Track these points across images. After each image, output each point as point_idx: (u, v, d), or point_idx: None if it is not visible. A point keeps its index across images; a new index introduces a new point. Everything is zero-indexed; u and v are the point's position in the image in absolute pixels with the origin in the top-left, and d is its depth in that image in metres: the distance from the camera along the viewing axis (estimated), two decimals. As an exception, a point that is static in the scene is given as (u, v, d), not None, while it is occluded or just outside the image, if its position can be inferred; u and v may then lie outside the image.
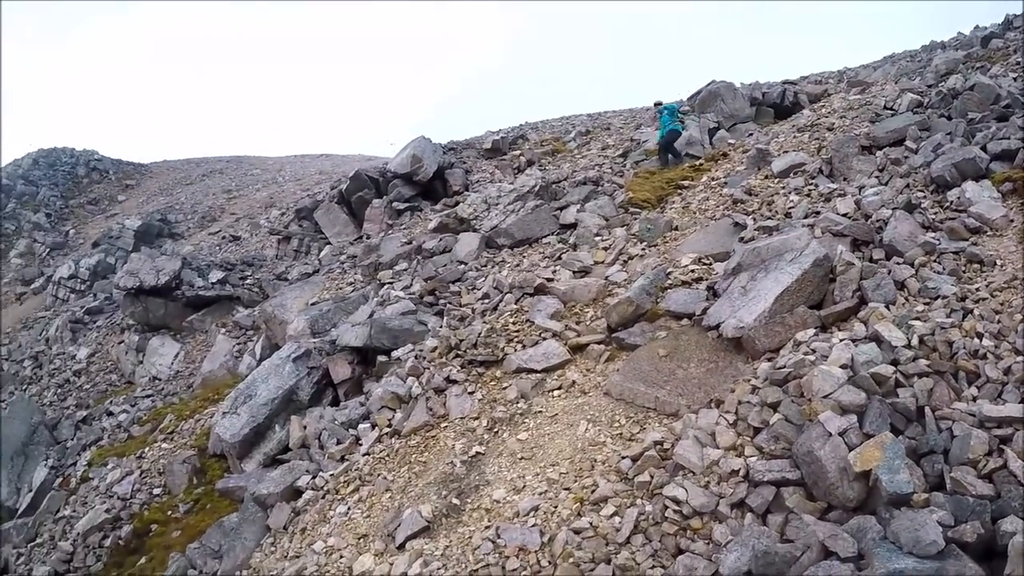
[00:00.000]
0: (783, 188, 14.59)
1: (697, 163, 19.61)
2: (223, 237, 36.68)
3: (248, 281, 23.53)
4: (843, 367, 7.68)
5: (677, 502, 7.46)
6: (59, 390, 23.85)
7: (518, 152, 27.93)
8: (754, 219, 13.41)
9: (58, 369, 25.44)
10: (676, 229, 15.01)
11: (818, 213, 12.33)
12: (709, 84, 25.74)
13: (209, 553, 11.61)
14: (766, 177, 15.68)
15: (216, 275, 23.58)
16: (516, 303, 13.15)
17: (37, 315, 36.62)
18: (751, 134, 21.69)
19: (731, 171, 17.59)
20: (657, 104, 21.46)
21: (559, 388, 10.75)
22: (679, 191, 17.59)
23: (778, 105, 25.22)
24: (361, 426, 11.99)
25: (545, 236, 16.65)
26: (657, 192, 17.68)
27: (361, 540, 9.48)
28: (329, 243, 24.97)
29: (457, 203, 21.04)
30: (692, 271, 12.33)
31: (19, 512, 17.30)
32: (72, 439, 19.52)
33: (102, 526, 14.15)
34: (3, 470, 18.75)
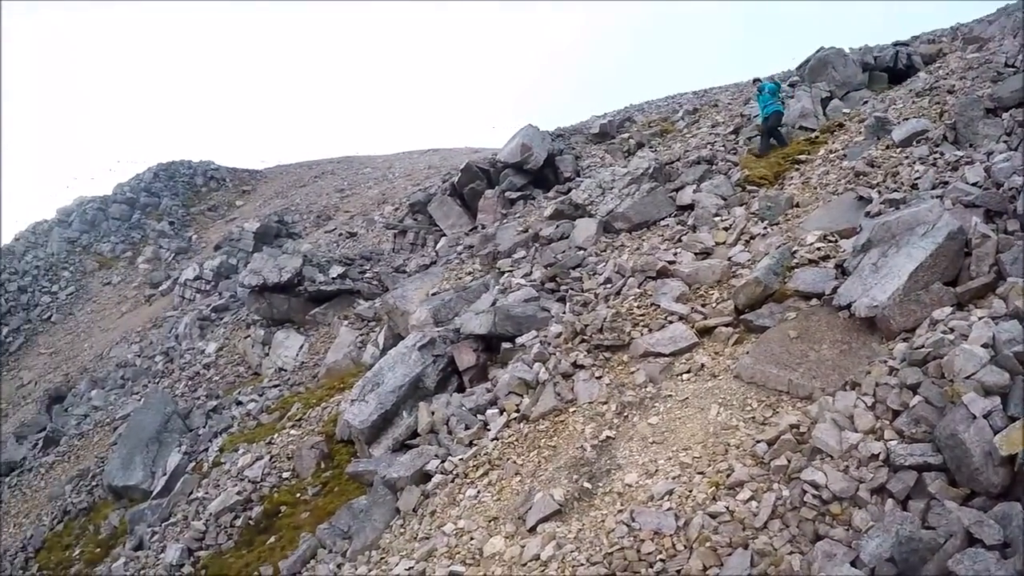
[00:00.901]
0: (906, 158, 14.03)
1: (813, 136, 18.98)
2: (339, 234, 37.64)
3: (367, 275, 24.06)
4: (984, 346, 7.29)
5: (816, 487, 7.29)
6: (190, 382, 24.92)
7: (627, 135, 27.65)
8: (879, 192, 12.92)
9: (188, 363, 26.59)
10: (797, 206, 14.57)
11: (946, 183, 11.76)
12: (818, 52, 24.76)
13: (338, 533, 12.00)
14: (887, 147, 15.08)
15: (336, 270, 24.18)
16: (639, 287, 13.02)
17: (166, 314, 38.55)
18: (866, 102, 20.93)
19: (849, 142, 17.01)
20: (756, 81, 20.58)
21: (688, 372, 10.62)
22: (797, 166, 17.09)
23: (891, 69, 24.17)
24: (489, 411, 12.11)
25: (663, 218, 16.41)
26: (774, 168, 17.22)
27: (491, 523, 9.59)
28: (444, 235, 25.26)
29: (570, 189, 20.98)
30: (818, 249, 11.96)
31: (153, 494, 18.33)
32: (203, 427, 20.46)
33: (233, 507, 14.84)
34: (139, 456, 19.82)
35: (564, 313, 13.47)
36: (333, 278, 23.90)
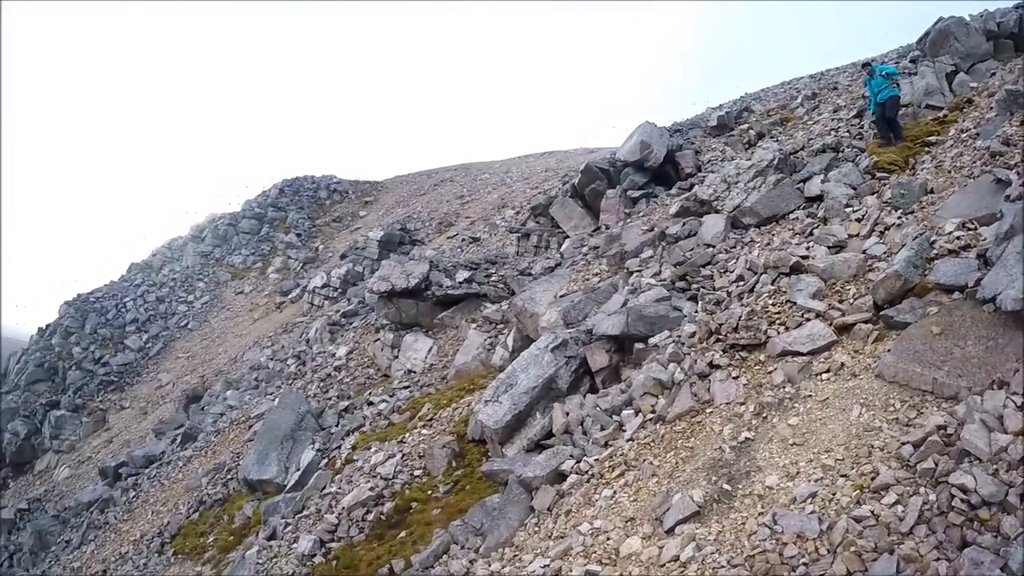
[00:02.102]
0: (1046, 134, 13.23)
1: (941, 115, 18.03)
2: (462, 240, 38.06)
3: (493, 278, 24.26)
4: None
5: (964, 491, 7.05)
6: (322, 383, 25.64)
7: (746, 126, 26.90)
8: (1017, 173, 12.15)
9: (320, 365, 27.39)
10: (931, 192, 13.86)
11: (1092, 159, 11.09)
12: (937, 23, 23.28)
13: (471, 530, 12.14)
14: (1022, 122, 14.21)
15: (462, 275, 24.51)
16: (773, 283, 12.69)
17: (295, 320, 40.05)
18: (993, 73, 19.72)
19: (981, 120, 16.12)
20: (865, 66, 19.11)
21: (827, 371, 10.34)
22: (927, 149, 16.22)
23: (1016, 35, 22.71)
24: (624, 412, 12.08)
25: (791, 211, 15.95)
26: (903, 153, 16.42)
27: (628, 523, 9.58)
28: (567, 236, 25.25)
29: (693, 185, 20.65)
30: (958, 238, 11.40)
31: (287, 488, 19.00)
32: (336, 426, 21.08)
33: (365, 502, 15.21)
34: (274, 452, 20.62)
35: (697, 312, 13.31)
36: (460, 282, 24.24)
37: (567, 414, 13.17)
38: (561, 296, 17.65)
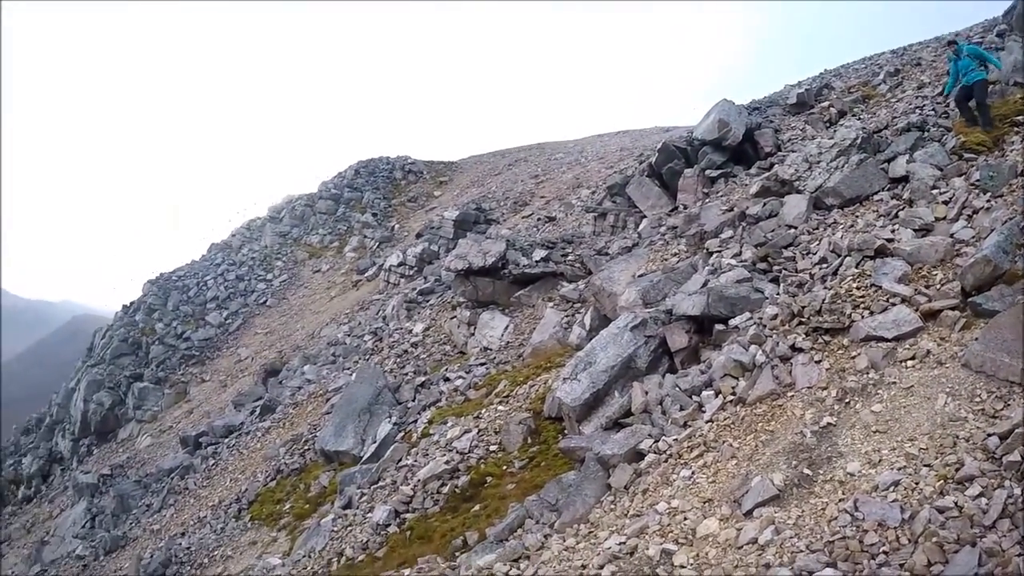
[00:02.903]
0: None
1: None
2: (538, 219, 38.11)
3: (569, 257, 24.29)
4: None
5: (1050, 486, 6.87)
6: (398, 359, 26.01)
7: (826, 103, 26.17)
8: None
9: (396, 342, 27.80)
10: (1022, 174, 13.44)
11: None
12: None
13: (546, 506, 12.25)
14: None
15: (539, 254, 24.59)
16: (857, 266, 12.41)
17: (372, 298, 40.75)
18: None
19: (1074, 96, 15.44)
20: (951, 44, 18.12)
21: (912, 358, 10.14)
22: (1016, 129, 15.59)
23: None
24: (704, 393, 12.04)
25: (875, 192, 15.45)
26: (992, 132, 15.87)
27: (706, 504, 9.56)
28: (644, 216, 25.04)
29: (773, 165, 20.29)
30: (1050, 223, 11.08)
31: (363, 459, 19.51)
32: (412, 401, 21.48)
33: (441, 475, 15.51)
34: (351, 424, 21.14)
35: (779, 294, 13.12)
36: (536, 261, 24.31)
37: (646, 393, 13.15)
38: (639, 276, 17.55)
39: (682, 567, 8.49)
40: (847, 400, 9.99)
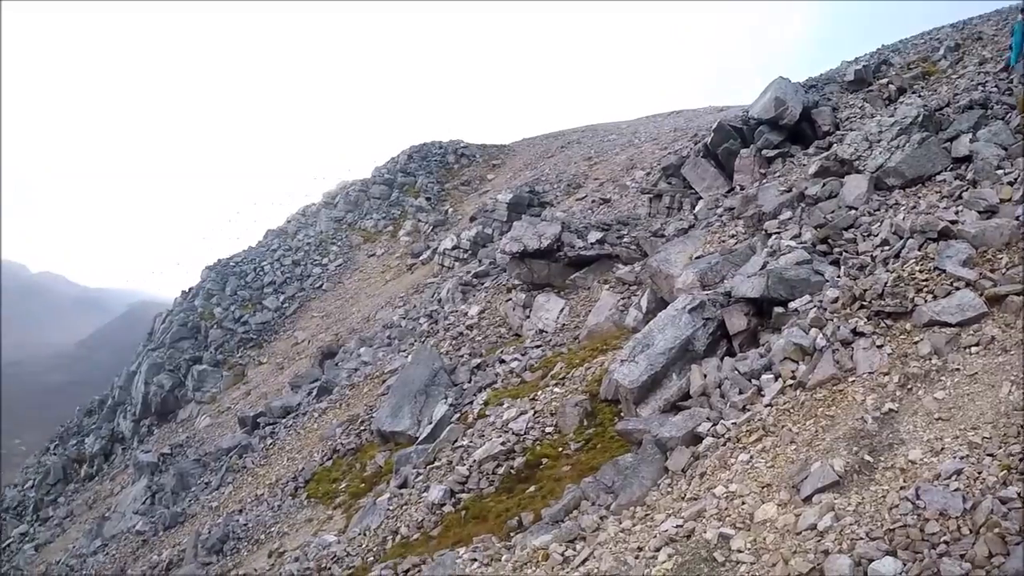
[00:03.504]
0: None
1: None
2: (592, 201, 37.97)
3: (625, 239, 24.16)
4: None
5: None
6: (454, 341, 26.23)
7: (885, 80, 25.49)
8: None
9: (452, 324, 27.99)
10: (1091, 153, 13.05)
11: None
12: None
13: (603, 488, 12.28)
14: None
15: (594, 236, 24.51)
16: (920, 249, 12.10)
17: (426, 281, 41.07)
18: None
19: None
20: None
21: (977, 344, 9.94)
22: None
23: None
24: (763, 377, 11.88)
25: (938, 172, 15.03)
26: (1059, 110, 15.41)
27: (764, 489, 9.48)
28: (700, 197, 24.74)
29: (831, 144, 19.87)
30: (1120, 204, 10.76)
31: (419, 440, 19.68)
32: (468, 382, 21.63)
33: (496, 456, 15.61)
34: (407, 405, 21.40)
35: (839, 277, 12.85)
36: (592, 243, 24.24)
37: (704, 376, 13.06)
38: (697, 258, 17.37)
39: (739, 551, 8.46)
40: (909, 386, 9.83)
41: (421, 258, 47.59)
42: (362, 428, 23.51)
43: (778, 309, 13.27)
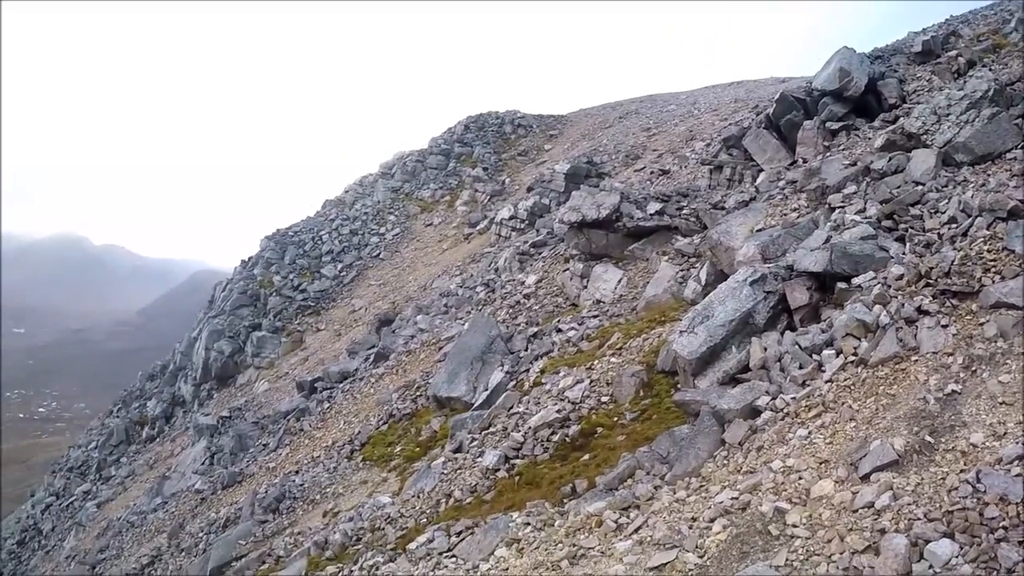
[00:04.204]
0: None
1: None
2: (650, 172, 37.68)
3: (684, 211, 23.88)
4: None
5: None
6: (510, 310, 26.35)
7: (954, 52, 24.79)
8: None
9: (509, 293, 28.15)
10: None
11: None
12: None
13: (657, 458, 12.30)
14: None
15: (653, 207, 24.30)
16: (988, 228, 11.79)
17: (483, 250, 41.24)
18: None
19: None
20: None
21: (1044, 328, 9.70)
22: None
23: None
24: (824, 352, 11.77)
25: (1008, 150, 14.57)
26: None
27: (822, 465, 9.44)
28: (762, 170, 24.37)
29: (898, 118, 19.45)
30: None
31: (475, 406, 19.86)
32: (525, 350, 21.71)
33: (551, 424, 15.66)
34: (464, 371, 21.61)
35: (905, 254, 12.60)
36: (651, 214, 24.04)
37: (765, 350, 12.98)
38: (758, 230, 17.19)
39: (794, 526, 8.46)
40: (973, 368, 9.69)
41: (478, 228, 47.78)
42: (418, 394, 23.78)
43: (841, 285, 13.09)
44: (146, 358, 79.75)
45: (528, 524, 11.87)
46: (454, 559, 12.09)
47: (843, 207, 15.75)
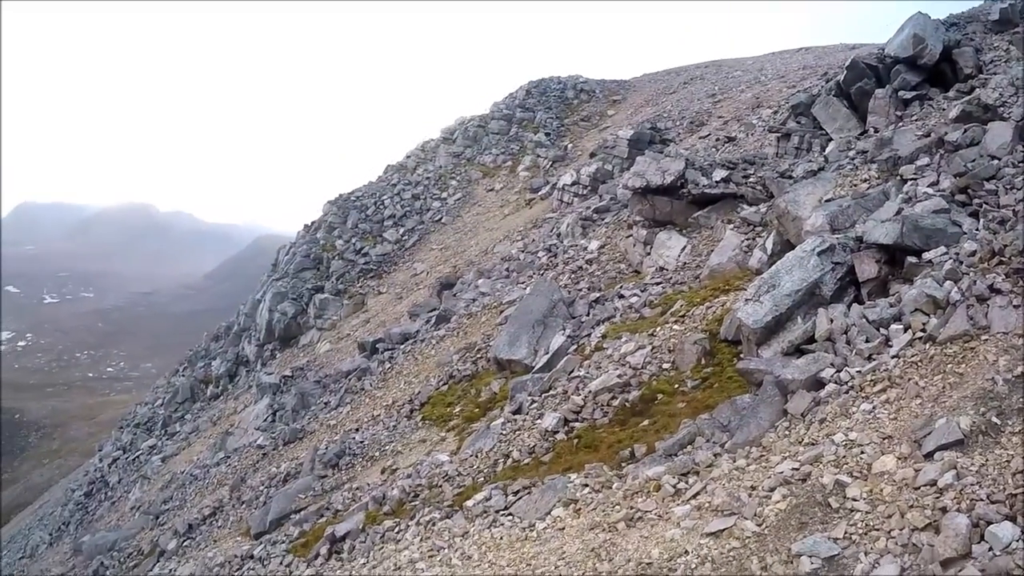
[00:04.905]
0: None
1: None
2: (716, 139, 37.28)
3: (751, 179, 23.52)
4: None
5: None
6: (572, 275, 26.44)
7: None
8: None
9: (571, 258, 28.20)
10: None
11: None
12: None
13: (718, 426, 12.25)
14: None
15: (719, 174, 23.98)
16: (1064, 205, 11.64)
17: (545, 216, 41.30)
18: None
19: None
20: None
21: (1116, 309, 9.48)
22: None
23: None
24: (892, 327, 11.57)
25: None
26: None
27: (885, 440, 9.34)
28: (831, 139, 23.91)
29: (974, 88, 18.92)
30: None
31: (535, 368, 20.02)
32: (586, 315, 21.76)
33: (612, 388, 15.66)
34: (525, 335, 21.74)
35: (978, 230, 12.29)
36: (716, 182, 23.75)
37: (831, 321, 12.79)
38: (826, 200, 16.86)
39: (855, 500, 8.42)
40: (1044, 350, 9.45)
41: (540, 193, 47.78)
42: (478, 356, 23.98)
43: (911, 259, 12.82)
44: (211, 320, 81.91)
45: (586, 486, 11.98)
46: (510, 517, 12.24)
47: (915, 179, 15.39)
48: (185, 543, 22.39)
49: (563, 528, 11.04)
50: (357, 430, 23.85)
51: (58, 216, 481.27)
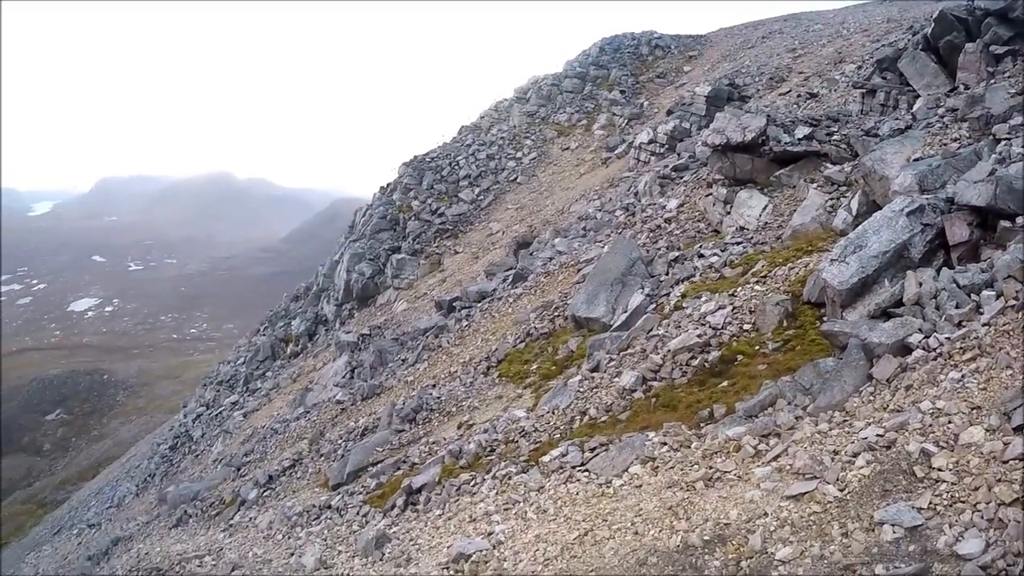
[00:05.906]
0: None
1: None
2: (797, 96, 36.44)
3: (835, 137, 22.87)
4: None
5: None
6: (651, 234, 26.31)
7: None
8: None
9: (649, 217, 28.02)
10: None
11: None
12: None
13: (800, 389, 12.06)
14: None
15: (802, 131, 23.34)
16: None
17: (622, 175, 41.06)
18: None
19: None
20: None
21: None
22: None
23: None
24: (984, 293, 11.18)
25: None
26: None
27: (973, 411, 9.04)
28: (918, 95, 23.16)
29: (1072, 44, 18.18)
30: None
31: (613, 327, 19.99)
32: (665, 274, 21.62)
33: (691, 348, 15.54)
34: (603, 293, 21.73)
35: (1076, 194, 11.91)
36: (799, 139, 23.15)
37: (920, 285, 12.36)
38: (915, 160, 16.30)
39: (940, 470, 8.20)
40: None
41: (616, 152, 47.45)
42: (556, 314, 24.06)
43: (1004, 223, 12.35)
44: (289, 282, 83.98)
45: (664, 444, 11.96)
46: (587, 473, 12.31)
47: (1009, 139, 14.74)
48: (265, 493, 23.05)
49: (640, 485, 11.05)
50: (434, 386, 24.21)
51: (140, 188, 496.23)
